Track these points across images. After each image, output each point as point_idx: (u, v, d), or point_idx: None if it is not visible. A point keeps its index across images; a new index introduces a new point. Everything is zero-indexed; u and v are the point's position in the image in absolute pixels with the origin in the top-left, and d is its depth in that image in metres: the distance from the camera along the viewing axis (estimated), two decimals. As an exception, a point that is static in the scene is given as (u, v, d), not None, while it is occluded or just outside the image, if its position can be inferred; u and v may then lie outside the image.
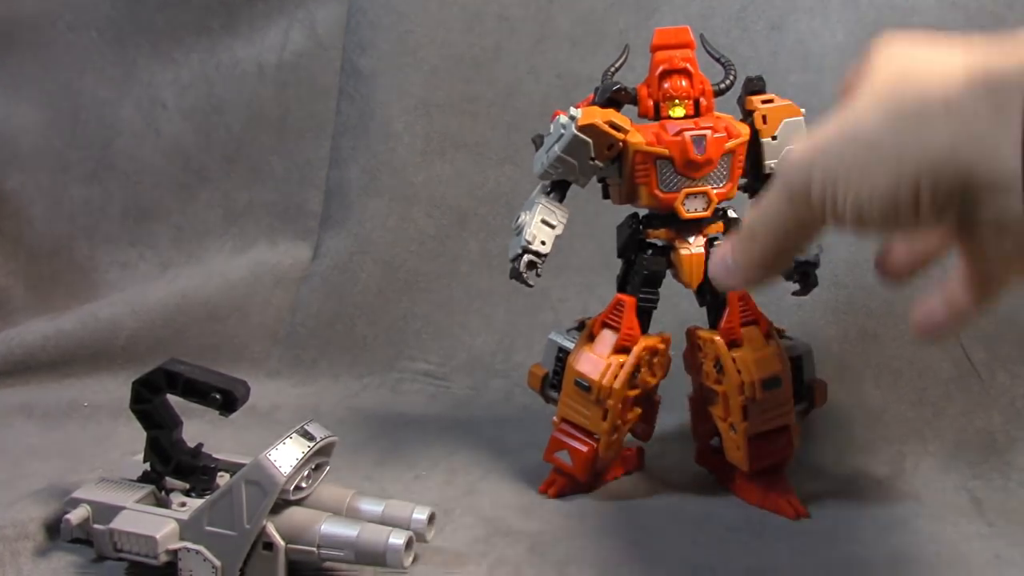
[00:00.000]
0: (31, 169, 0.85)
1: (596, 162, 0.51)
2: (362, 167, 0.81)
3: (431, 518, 0.46)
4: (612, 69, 0.54)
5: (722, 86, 0.52)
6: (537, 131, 0.54)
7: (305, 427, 0.46)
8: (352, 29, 0.82)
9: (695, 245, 0.51)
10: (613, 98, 0.52)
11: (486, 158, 0.79)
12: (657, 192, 0.51)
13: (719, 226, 0.52)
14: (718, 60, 0.54)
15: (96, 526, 0.46)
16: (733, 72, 0.53)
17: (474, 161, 0.79)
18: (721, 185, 0.51)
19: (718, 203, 0.51)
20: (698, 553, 0.48)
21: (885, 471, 0.57)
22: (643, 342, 0.52)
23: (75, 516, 0.46)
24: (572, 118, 0.50)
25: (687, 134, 0.49)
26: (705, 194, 0.50)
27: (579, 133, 0.50)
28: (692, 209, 0.51)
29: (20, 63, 0.85)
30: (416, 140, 0.80)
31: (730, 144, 0.50)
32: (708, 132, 0.49)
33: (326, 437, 0.46)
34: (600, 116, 0.50)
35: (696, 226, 0.52)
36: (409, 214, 0.80)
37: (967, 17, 0.67)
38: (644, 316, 0.53)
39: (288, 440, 0.44)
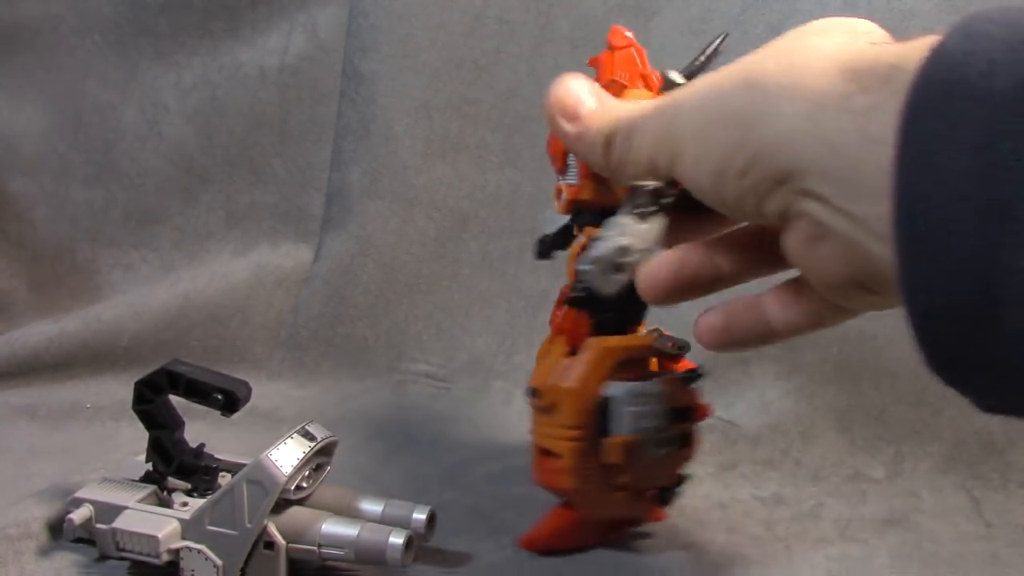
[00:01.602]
0: (34, 172, 0.85)
1: None
2: (363, 170, 0.81)
3: (431, 518, 0.47)
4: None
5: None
6: (538, 133, 0.54)
7: (306, 427, 0.46)
8: (353, 32, 0.82)
9: (576, 241, 0.49)
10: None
11: (487, 161, 0.80)
12: None
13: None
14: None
15: (99, 525, 0.46)
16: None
17: (475, 164, 0.80)
18: (574, 182, 0.48)
19: (571, 199, 0.47)
20: (696, 555, 0.49)
21: (885, 471, 0.57)
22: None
23: (78, 516, 0.46)
24: None
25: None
26: (561, 192, 0.48)
27: None
28: (560, 204, 0.49)
29: (23, 66, 0.85)
30: (417, 143, 0.80)
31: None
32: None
33: (327, 437, 0.46)
34: None
35: (577, 222, 0.49)
36: (410, 216, 0.80)
37: (965, 20, 0.68)
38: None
39: (289, 440, 0.45)
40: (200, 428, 0.51)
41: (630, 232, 0.43)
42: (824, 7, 0.72)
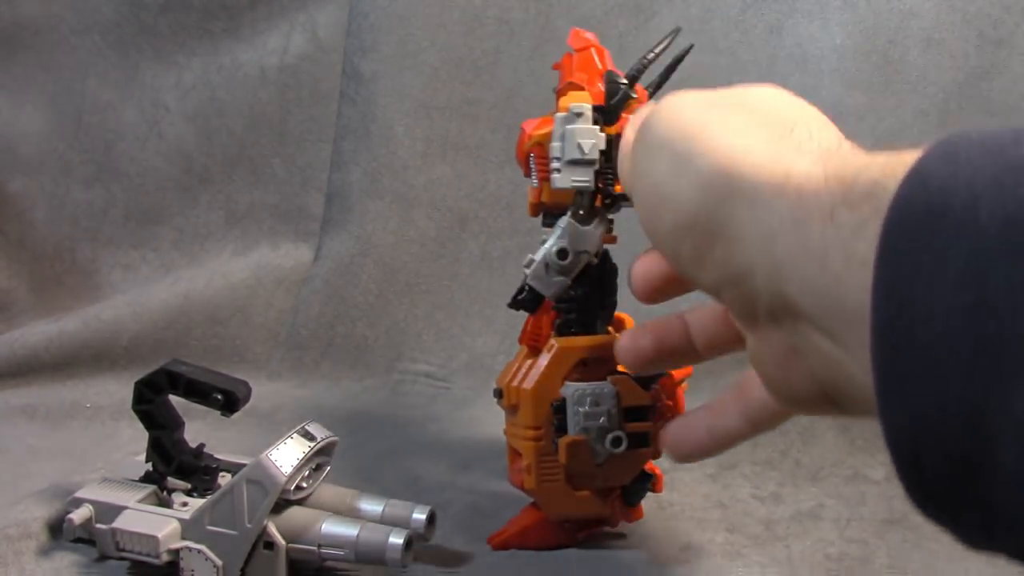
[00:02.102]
0: (34, 172, 0.85)
1: None
2: (363, 170, 0.81)
3: (431, 518, 0.47)
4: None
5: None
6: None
7: (306, 427, 0.46)
8: (353, 32, 0.82)
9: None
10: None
11: (486, 161, 0.80)
12: None
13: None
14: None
15: (98, 526, 0.46)
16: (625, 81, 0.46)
17: (474, 164, 0.80)
18: (536, 185, 0.47)
19: (537, 202, 0.47)
20: (697, 555, 0.49)
21: (885, 471, 0.57)
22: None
23: (78, 516, 0.46)
24: None
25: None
26: (529, 194, 0.48)
27: None
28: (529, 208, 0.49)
29: (23, 67, 0.85)
30: (417, 143, 0.80)
31: (527, 144, 0.46)
32: (522, 134, 0.47)
33: (327, 437, 0.46)
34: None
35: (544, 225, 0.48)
36: (410, 216, 0.80)
37: (964, 19, 0.68)
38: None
39: (289, 440, 0.45)
40: (200, 428, 0.51)
41: (571, 235, 0.44)
42: (824, 7, 0.72)
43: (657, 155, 0.28)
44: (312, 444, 0.45)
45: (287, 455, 0.44)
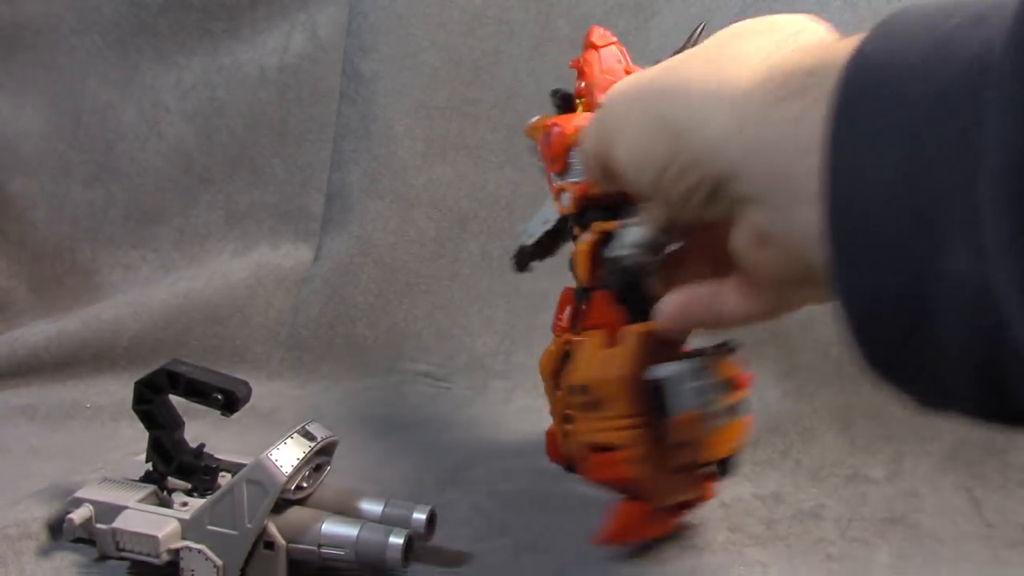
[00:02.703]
0: (34, 172, 0.85)
1: None
2: (363, 170, 0.81)
3: (431, 518, 0.47)
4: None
5: None
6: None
7: (306, 427, 0.46)
8: (353, 32, 0.82)
9: (580, 239, 0.48)
10: (555, 102, 0.53)
11: (486, 161, 0.80)
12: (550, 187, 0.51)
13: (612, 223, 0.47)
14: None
15: (98, 525, 0.46)
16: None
17: (475, 164, 0.80)
18: (582, 180, 0.48)
19: (580, 195, 0.48)
20: (698, 554, 0.49)
21: (885, 471, 0.57)
22: (567, 336, 0.50)
23: (78, 516, 0.46)
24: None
25: (544, 132, 0.49)
26: (567, 191, 0.48)
27: (528, 137, 0.52)
28: (565, 204, 0.49)
29: (23, 67, 0.85)
30: (417, 143, 0.80)
31: (572, 139, 0.48)
32: (554, 129, 0.49)
33: (327, 437, 0.46)
34: (538, 120, 0.51)
35: (581, 221, 0.49)
36: (410, 216, 0.80)
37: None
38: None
39: (289, 440, 0.45)
40: (200, 428, 0.51)
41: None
42: (823, 7, 0.72)
43: (625, 119, 0.30)
44: (312, 444, 0.45)
45: (287, 455, 0.44)
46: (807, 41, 0.27)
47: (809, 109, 0.22)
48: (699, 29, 0.50)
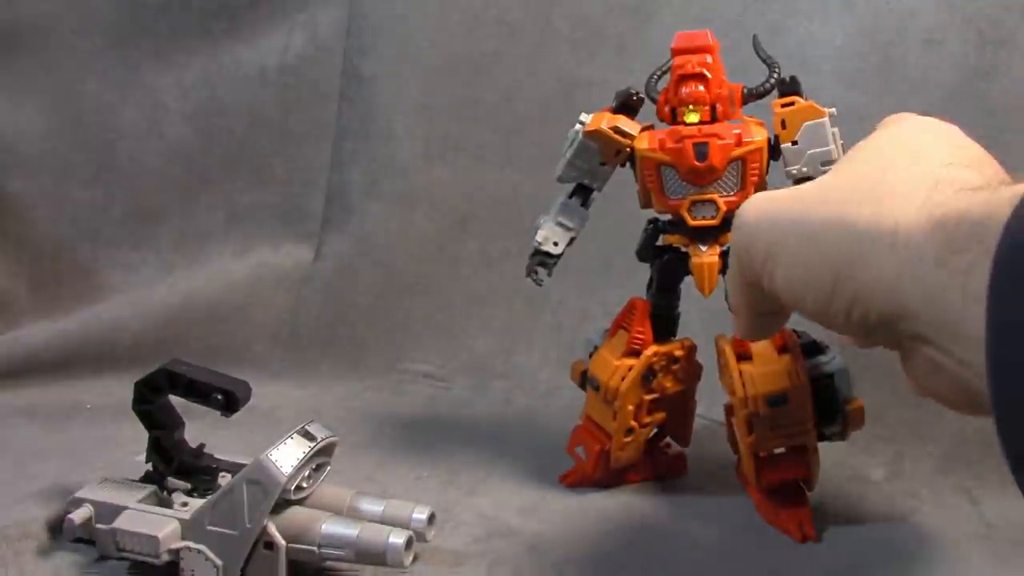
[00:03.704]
0: (34, 172, 0.85)
1: (606, 166, 0.52)
2: (363, 170, 0.81)
3: (431, 518, 0.47)
4: (655, 76, 0.53)
5: (760, 89, 0.51)
6: (538, 134, 0.55)
7: (306, 427, 0.46)
8: (353, 33, 0.82)
9: (707, 254, 0.50)
10: (625, 103, 0.52)
11: (486, 161, 0.80)
12: (663, 198, 0.51)
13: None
14: (764, 61, 0.53)
15: (99, 526, 0.46)
16: (775, 73, 0.51)
17: (474, 164, 0.80)
18: (731, 193, 0.49)
19: (727, 211, 0.49)
20: (698, 555, 0.49)
21: (885, 471, 0.57)
22: (653, 348, 0.52)
23: (78, 516, 0.46)
24: (581, 123, 0.52)
25: (690, 141, 0.49)
26: (713, 202, 0.49)
27: (586, 139, 0.51)
28: (699, 216, 0.50)
29: (23, 66, 0.85)
30: (416, 143, 0.80)
31: (738, 152, 0.49)
32: (713, 139, 0.48)
33: (327, 437, 0.46)
34: (607, 122, 0.51)
35: (708, 234, 0.50)
36: (410, 217, 0.80)
37: (964, 20, 0.68)
38: (664, 321, 0.53)
39: (289, 440, 0.45)
40: (200, 428, 0.51)
41: None
42: (824, 7, 0.72)
43: (780, 247, 0.31)
44: (312, 444, 0.45)
45: (287, 455, 0.44)
46: (964, 178, 0.28)
47: (981, 261, 0.23)
48: (759, 46, 0.53)
